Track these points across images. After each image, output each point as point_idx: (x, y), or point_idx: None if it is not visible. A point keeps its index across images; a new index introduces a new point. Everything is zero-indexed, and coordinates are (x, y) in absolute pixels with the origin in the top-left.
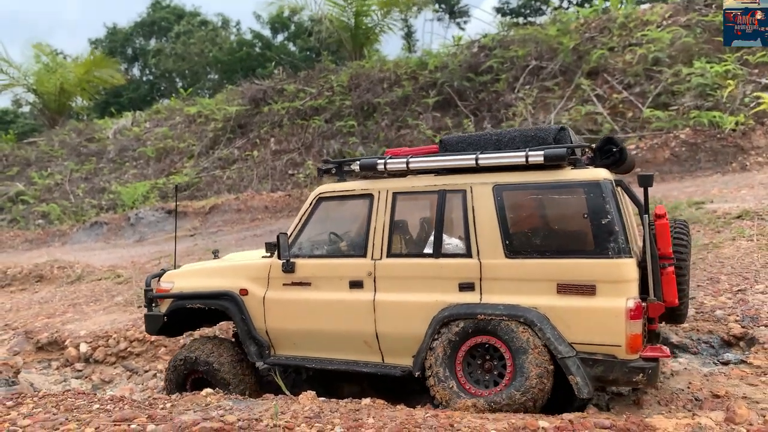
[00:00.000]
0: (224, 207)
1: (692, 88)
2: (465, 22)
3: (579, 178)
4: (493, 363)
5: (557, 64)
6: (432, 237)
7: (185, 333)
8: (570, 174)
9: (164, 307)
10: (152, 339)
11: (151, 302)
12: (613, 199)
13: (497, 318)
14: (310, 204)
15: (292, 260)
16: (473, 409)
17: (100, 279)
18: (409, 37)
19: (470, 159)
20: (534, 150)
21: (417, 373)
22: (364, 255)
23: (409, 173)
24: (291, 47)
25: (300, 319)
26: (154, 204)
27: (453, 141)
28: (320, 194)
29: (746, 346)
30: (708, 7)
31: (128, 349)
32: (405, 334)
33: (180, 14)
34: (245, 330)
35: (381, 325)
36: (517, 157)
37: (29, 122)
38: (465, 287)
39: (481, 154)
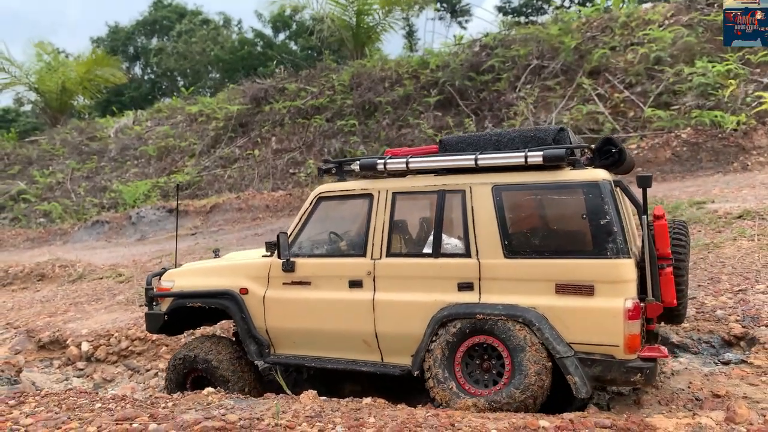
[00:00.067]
0: (225, 206)
1: (694, 88)
2: (466, 21)
3: (578, 179)
4: (492, 362)
5: (559, 64)
6: (431, 237)
7: (186, 332)
8: (569, 174)
9: (165, 306)
10: (153, 338)
11: (152, 301)
12: (612, 200)
13: (495, 318)
14: (310, 204)
15: (292, 259)
16: (474, 409)
17: (102, 278)
18: (411, 36)
19: (469, 159)
20: (533, 150)
21: (416, 373)
22: (364, 254)
23: (409, 173)
24: (292, 46)
25: (300, 318)
26: (156, 203)
27: (452, 141)
28: (320, 194)
29: (747, 346)
30: (710, 7)
31: (130, 348)
32: (404, 334)
33: (182, 13)
34: (245, 329)
35: (380, 325)
36: (517, 158)
37: (31, 121)
38: (464, 287)
39: (481, 155)
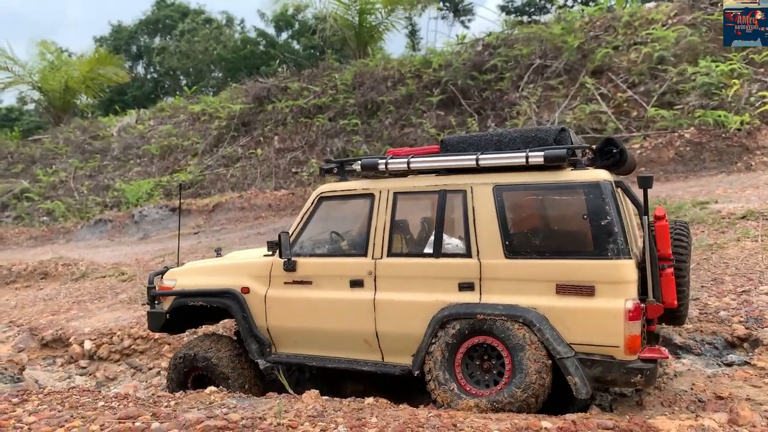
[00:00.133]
0: (228, 205)
1: (697, 87)
2: (469, 21)
3: (579, 179)
4: (492, 362)
5: (562, 63)
6: (432, 237)
7: (188, 330)
8: (570, 175)
9: (167, 305)
10: (156, 336)
11: (154, 300)
12: (613, 200)
13: (495, 318)
14: (312, 203)
15: (294, 259)
16: (476, 410)
17: (105, 276)
18: (413, 36)
19: (471, 159)
20: (534, 151)
21: (416, 372)
22: (365, 254)
23: (410, 173)
24: (295, 45)
25: (301, 318)
26: (158, 202)
27: (454, 141)
28: (321, 194)
29: (750, 348)
30: (713, 6)
31: (132, 347)
32: (405, 333)
33: (184, 12)
34: (247, 328)
35: (381, 324)
36: (518, 158)
37: (34, 120)
38: (465, 287)
39: (482, 155)
